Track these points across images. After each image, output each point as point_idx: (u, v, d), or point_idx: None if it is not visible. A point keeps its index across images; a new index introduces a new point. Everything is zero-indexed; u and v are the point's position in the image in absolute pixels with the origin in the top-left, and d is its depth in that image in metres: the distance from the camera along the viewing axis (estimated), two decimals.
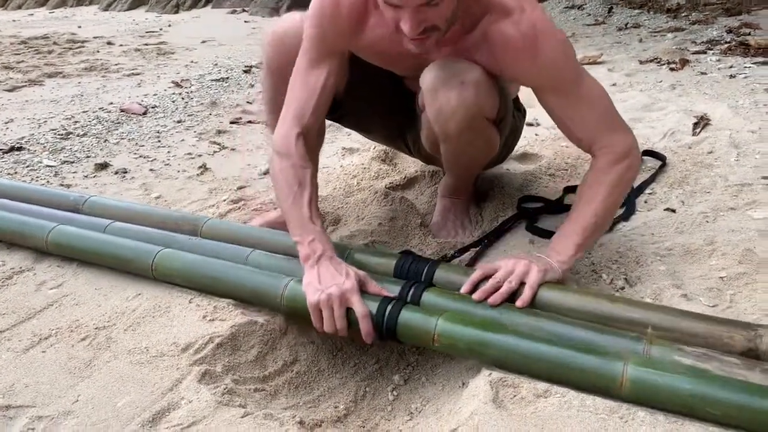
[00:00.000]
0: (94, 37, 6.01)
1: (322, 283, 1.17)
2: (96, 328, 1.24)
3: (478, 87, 1.29)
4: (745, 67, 3.13)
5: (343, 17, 1.31)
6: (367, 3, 1.31)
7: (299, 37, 1.39)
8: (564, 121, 1.32)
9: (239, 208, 1.81)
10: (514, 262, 1.19)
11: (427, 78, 1.31)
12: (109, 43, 5.62)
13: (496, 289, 1.15)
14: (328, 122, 1.65)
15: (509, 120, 1.55)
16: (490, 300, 1.13)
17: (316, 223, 1.27)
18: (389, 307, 1.11)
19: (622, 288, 1.33)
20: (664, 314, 1.09)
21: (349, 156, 2.26)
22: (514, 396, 0.99)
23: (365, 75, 1.48)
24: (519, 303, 1.13)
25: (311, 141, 1.39)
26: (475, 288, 1.17)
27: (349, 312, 1.14)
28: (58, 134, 2.60)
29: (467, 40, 1.28)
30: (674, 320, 1.07)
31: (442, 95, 1.30)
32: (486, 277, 1.18)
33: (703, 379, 0.91)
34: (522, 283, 1.16)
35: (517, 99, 1.68)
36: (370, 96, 1.54)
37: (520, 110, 1.71)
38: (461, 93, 1.28)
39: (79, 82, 3.83)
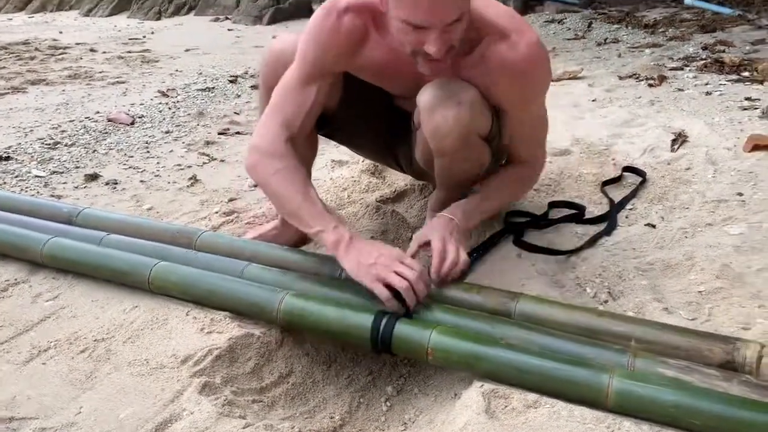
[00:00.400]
0: (77, 44, 5.98)
1: (370, 259, 1.22)
2: (95, 340, 1.26)
3: (474, 107, 1.35)
4: (720, 84, 3.23)
5: (342, 40, 1.36)
6: (367, 26, 1.36)
7: (293, 56, 1.43)
8: (515, 137, 1.51)
9: (232, 221, 1.83)
10: (443, 237, 1.34)
11: (425, 97, 1.36)
12: (92, 50, 5.60)
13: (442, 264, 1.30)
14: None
15: (499, 138, 1.61)
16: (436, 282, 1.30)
17: (333, 212, 1.33)
18: (384, 321, 1.15)
19: (606, 301, 1.38)
20: (647, 328, 1.14)
21: (339, 168, 2.29)
22: (506, 407, 1.03)
23: (358, 92, 1.52)
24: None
25: (298, 152, 1.42)
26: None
27: None
28: (46, 144, 2.60)
29: (465, 61, 1.34)
30: (657, 333, 1.12)
31: (439, 114, 1.35)
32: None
33: (685, 390, 0.96)
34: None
35: None
36: (362, 113, 1.58)
37: None
38: (458, 112, 1.33)
39: (64, 90, 3.83)
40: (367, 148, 1.80)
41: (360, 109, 1.57)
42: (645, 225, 1.71)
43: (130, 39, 6.49)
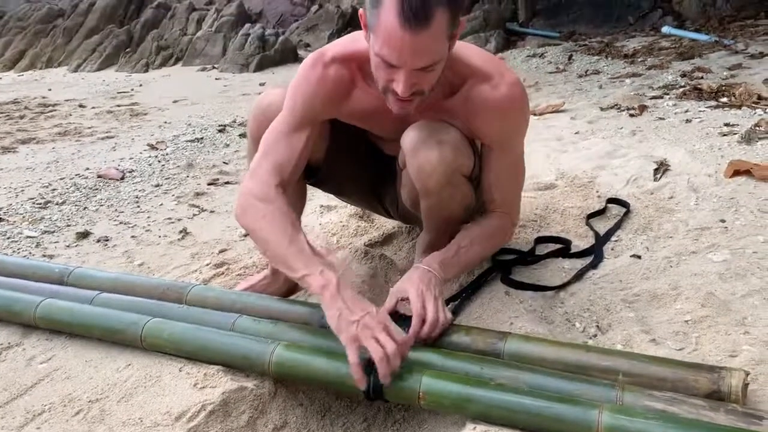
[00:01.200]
0: (66, 100, 6.06)
1: (353, 316, 1.18)
2: (89, 401, 1.26)
3: (456, 146, 1.40)
4: (700, 111, 3.29)
5: (329, 89, 1.42)
6: (353, 75, 1.41)
7: (281, 110, 1.47)
8: (491, 178, 1.52)
9: (223, 273, 1.85)
10: (422, 292, 1.31)
11: (408, 138, 1.41)
12: (81, 106, 5.67)
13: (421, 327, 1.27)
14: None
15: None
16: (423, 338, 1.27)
17: (323, 257, 1.31)
18: (374, 368, 1.16)
19: (595, 335, 1.40)
20: (633, 361, 1.16)
21: (327, 213, 2.32)
22: None
23: (343, 141, 1.57)
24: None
25: (288, 198, 1.43)
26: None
27: None
28: (37, 203, 2.63)
29: (447, 104, 1.39)
30: (643, 366, 1.14)
31: (422, 154, 1.39)
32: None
33: (672, 423, 0.97)
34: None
35: None
36: (348, 161, 1.62)
37: None
38: (441, 152, 1.38)
39: (54, 148, 3.87)
40: (354, 195, 1.83)
41: (346, 157, 1.61)
42: (630, 256, 1.74)
43: (118, 93, 6.58)
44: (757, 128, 2.67)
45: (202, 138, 3.90)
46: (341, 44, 1.44)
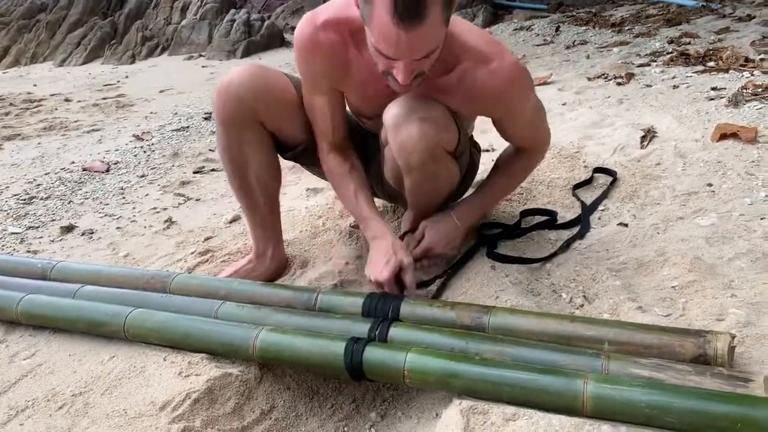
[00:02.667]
0: (51, 95, 5.99)
1: (371, 264, 1.43)
2: (73, 395, 1.25)
3: (437, 121, 1.38)
4: (687, 76, 3.26)
5: (324, 55, 1.42)
6: (346, 42, 1.41)
7: (245, 86, 1.47)
8: (508, 135, 1.59)
9: (207, 260, 1.83)
10: (441, 250, 1.56)
11: (389, 115, 1.39)
12: (66, 100, 5.61)
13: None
14: (290, 164, 1.70)
15: (467, 155, 1.63)
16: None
17: (365, 210, 1.53)
18: (354, 347, 1.15)
19: (582, 305, 1.39)
20: (619, 329, 1.14)
21: (314, 196, 2.30)
22: (485, 422, 1.03)
23: None
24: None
25: (345, 152, 1.60)
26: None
27: None
28: (21, 199, 2.60)
29: (442, 81, 1.38)
30: (629, 334, 1.13)
31: (403, 130, 1.37)
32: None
33: (659, 390, 0.96)
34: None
35: (472, 137, 1.75)
36: None
37: (476, 147, 1.79)
38: (422, 127, 1.35)
39: (39, 143, 3.83)
40: None
41: None
42: (617, 225, 1.72)
43: (104, 85, 6.51)
44: (745, 91, 2.64)
45: (188, 127, 3.87)
46: (333, 8, 1.42)
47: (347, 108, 1.64)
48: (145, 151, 3.31)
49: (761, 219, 1.58)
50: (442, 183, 1.55)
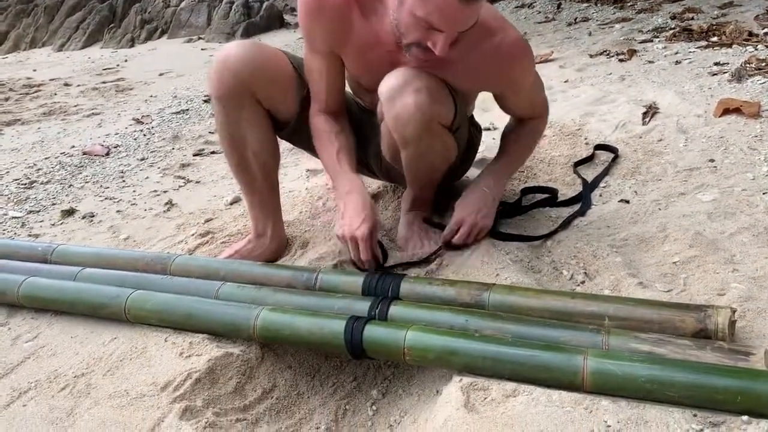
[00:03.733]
0: (51, 80, 5.97)
1: (345, 218, 1.43)
2: (75, 377, 1.26)
3: (431, 93, 1.37)
4: (690, 52, 3.23)
5: (328, 18, 1.42)
6: (351, 7, 1.40)
7: (241, 62, 1.46)
8: (509, 107, 1.62)
9: (207, 242, 1.83)
10: (474, 218, 1.53)
11: (384, 87, 1.39)
12: (66, 85, 5.59)
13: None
14: (290, 145, 1.69)
15: (465, 132, 1.62)
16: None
17: (343, 167, 1.50)
18: (354, 325, 1.15)
19: (583, 282, 1.38)
20: (619, 305, 1.14)
21: (313, 177, 2.29)
22: (485, 398, 1.03)
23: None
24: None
25: (336, 117, 1.58)
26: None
27: None
28: (22, 184, 2.60)
29: (447, 53, 1.35)
30: (629, 310, 1.12)
31: (399, 102, 1.37)
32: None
33: (659, 364, 0.96)
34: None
35: (473, 117, 1.74)
36: None
37: (476, 127, 1.78)
38: (416, 99, 1.35)
39: (39, 128, 3.82)
40: None
41: None
42: (619, 201, 1.72)
43: (104, 69, 6.49)
44: (748, 65, 2.62)
45: (187, 109, 3.85)
46: None
47: (347, 86, 1.63)
48: (144, 135, 3.30)
49: (763, 194, 1.57)
50: (438, 158, 1.54)
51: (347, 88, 1.65)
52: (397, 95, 1.36)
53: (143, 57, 7.45)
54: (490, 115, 2.54)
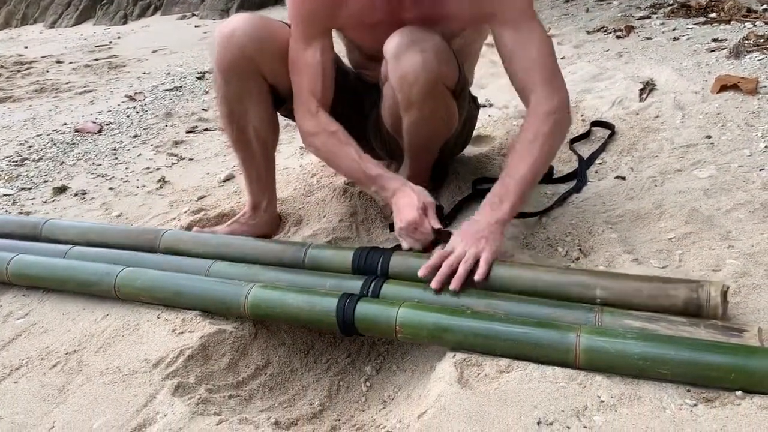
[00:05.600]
0: (42, 57, 5.90)
1: (401, 214, 1.32)
2: (66, 353, 1.25)
3: (438, 53, 1.36)
4: (688, 28, 3.20)
5: None
6: None
7: (247, 35, 1.44)
8: (513, 59, 1.37)
9: (200, 219, 1.81)
10: (465, 244, 1.21)
11: (390, 46, 1.37)
12: (58, 62, 5.53)
13: (453, 272, 1.17)
14: (284, 123, 1.68)
15: (466, 101, 1.60)
16: (452, 285, 1.15)
17: (373, 167, 1.40)
18: (346, 303, 1.14)
19: (577, 259, 1.38)
20: (611, 279, 1.13)
21: (308, 155, 2.27)
22: (478, 374, 1.03)
23: None
24: (477, 277, 1.15)
25: (328, 113, 1.47)
26: (434, 273, 1.19)
27: None
28: (13, 161, 2.57)
29: None
30: (621, 284, 1.11)
31: (405, 61, 1.35)
32: (442, 260, 1.20)
33: (651, 341, 0.95)
34: (477, 261, 1.18)
35: (470, 92, 1.72)
36: None
37: (474, 102, 1.76)
38: (423, 58, 1.34)
39: (31, 105, 3.78)
40: None
41: None
42: (615, 178, 1.70)
43: (96, 46, 6.42)
44: (746, 41, 2.59)
45: (181, 86, 3.81)
46: None
47: (347, 62, 1.60)
48: (137, 112, 3.27)
49: (760, 170, 1.56)
50: (440, 124, 1.52)
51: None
52: (404, 53, 1.35)
53: (136, 34, 7.37)
54: (486, 92, 2.52)
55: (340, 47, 1.59)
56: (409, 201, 1.33)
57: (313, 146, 1.48)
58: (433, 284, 1.16)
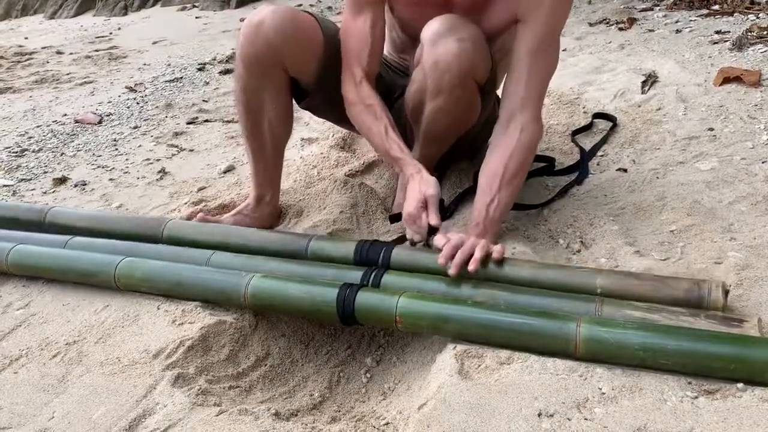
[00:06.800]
0: (43, 48, 5.86)
1: (405, 204, 1.33)
2: (66, 344, 1.25)
3: (475, 44, 1.36)
4: (690, 20, 3.19)
5: None
6: None
7: (274, 28, 1.43)
8: (517, 67, 1.38)
9: (200, 210, 1.80)
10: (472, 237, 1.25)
11: (428, 31, 1.38)
12: (58, 53, 5.50)
13: (469, 257, 1.19)
14: None
15: (492, 101, 1.59)
16: (470, 267, 1.17)
17: (396, 149, 1.41)
18: (347, 293, 1.14)
19: (579, 251, 1.37)
20: (612, 276, 1.13)
21: (308, 146, 2.27)
22: (479, 366, 1.03)
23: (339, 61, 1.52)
24: (495, 255, 1.20)
25: (371, 84, 1.49)
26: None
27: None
28: (13, 152, 2.56)
29: None
30: (622, 281, 1.11)
31: (441, 47, 1.35)
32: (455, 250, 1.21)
33: (652, 332, 0.95)
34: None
35: (497, 96, 1.70)
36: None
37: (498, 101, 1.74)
38: (460, 47, 1.34)
39: (31, 96, 3.76)
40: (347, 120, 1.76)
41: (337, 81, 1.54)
42: (617, 170, 1.70)
43: (97, 37, 6.38)
44: (749, 33, 2.58)
45: (181, 77, 3.79)
46: None
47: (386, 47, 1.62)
48: (138, 103, 3.25)
49: (762, 162, 1.56)
50: (461, 116, 1.52)
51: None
52: (441, 40, 1.35)
53: (136, 25, 7.33)
54: None
55: None
56: (413, 192, 1.33)
57: (350, 114, 1.51)
58: (452, 270, 1.17)
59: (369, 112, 1.46)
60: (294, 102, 1.62)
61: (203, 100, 3.17)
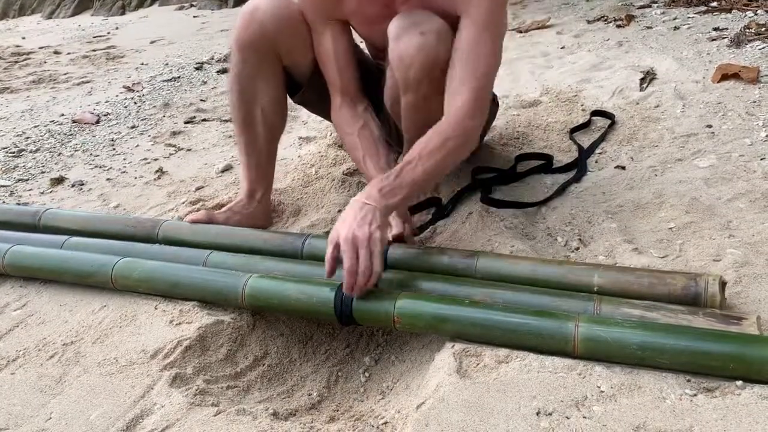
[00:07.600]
0: (40, 48, 5.86)
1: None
2: (64, 345, 1.24)
3: (438, 36, 1.35)
4: (689, 17, 3.19)
5: None
6: None
7: (269, 13, 1.45)
8: (458, 59, 1.33)
9: (198, 209, 1.80)
10: (353, 238, 1.13)
11: (392, 28, 1.38)
12: (56, 53, 5.49)
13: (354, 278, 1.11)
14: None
15: None
16: (356, 295, 1.12)
17: (373, 171, 1.44)
18: (344, 293, 1.13)
19: (577, 248, 1.37)
20: (610, 272, 1.12)
21: (306, 145, 2.26)
22: (477, 364, 1.02)
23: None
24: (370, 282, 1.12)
25: (355, 103, 1.54)
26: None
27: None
28: (10, 152, 2.55)
29: None
30: (618, 276, 1.11)
31: (404, 42, 1.36)
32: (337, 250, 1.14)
33: (650, 330, 0.94)
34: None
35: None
36: None
37: (494, 102, 1.74)
38: (422, 40, 1.34)
39: (28, 96, 3.75)
40: None
41: None
42: (615, 168, 1.70)
43: (94, 37, 6.37)
44: (747, 30, 2.58)
45: (179, 77, 3.79)
46: None
47: (366, 51, 1.62)
48: (135, 102, 3.25)
49: (761, 159, 1.56)
50: (438, 108, 1.49)
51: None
52: (404, 34, 1.35)
53: (134, 25, 7.32)
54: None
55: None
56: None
57: (339, 137, 1.58)
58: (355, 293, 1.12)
59: (349, 140, 1.53)
60: (288, 98, 1.62)
61: (201, 100, 3.16)
